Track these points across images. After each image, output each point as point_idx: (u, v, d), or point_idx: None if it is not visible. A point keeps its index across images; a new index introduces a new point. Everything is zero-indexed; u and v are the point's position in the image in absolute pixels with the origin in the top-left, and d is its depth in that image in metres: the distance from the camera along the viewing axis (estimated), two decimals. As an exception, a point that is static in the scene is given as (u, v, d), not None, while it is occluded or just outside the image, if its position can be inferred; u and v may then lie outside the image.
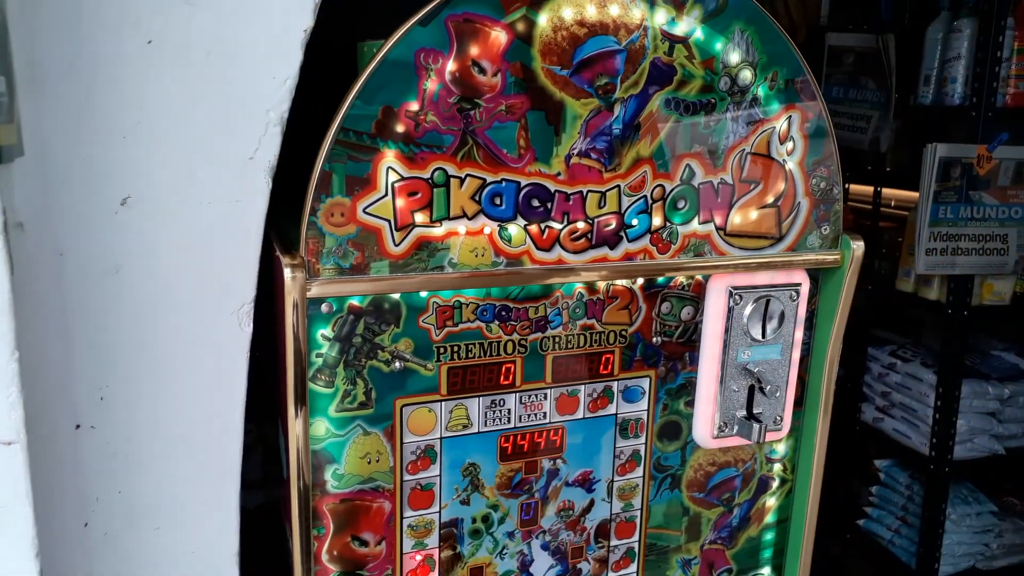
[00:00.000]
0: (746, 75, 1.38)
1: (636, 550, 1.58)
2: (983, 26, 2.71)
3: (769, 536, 1.68)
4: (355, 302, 1.27)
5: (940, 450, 2.93)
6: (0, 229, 0.97)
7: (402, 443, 1.35)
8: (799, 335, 1.53)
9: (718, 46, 1.35)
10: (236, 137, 1.25)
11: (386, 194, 1.22)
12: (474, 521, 1.44)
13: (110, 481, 1.28)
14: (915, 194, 2.89)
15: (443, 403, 1.37)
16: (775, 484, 1.65)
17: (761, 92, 1.40)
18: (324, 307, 1.25)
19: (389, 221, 1.23)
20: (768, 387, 1.49)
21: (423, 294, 1.31)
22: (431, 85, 1.20)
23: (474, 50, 1.21)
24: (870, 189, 3.57)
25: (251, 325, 1.32)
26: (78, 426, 1.25)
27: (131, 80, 1.18)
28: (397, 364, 1.32)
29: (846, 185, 3.70)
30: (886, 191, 3.57)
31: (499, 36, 1.22)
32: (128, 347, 1.26)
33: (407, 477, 1.37)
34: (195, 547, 1.37)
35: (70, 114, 1.15)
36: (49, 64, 1.12)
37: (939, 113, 2.99)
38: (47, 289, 1.18)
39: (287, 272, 1.19)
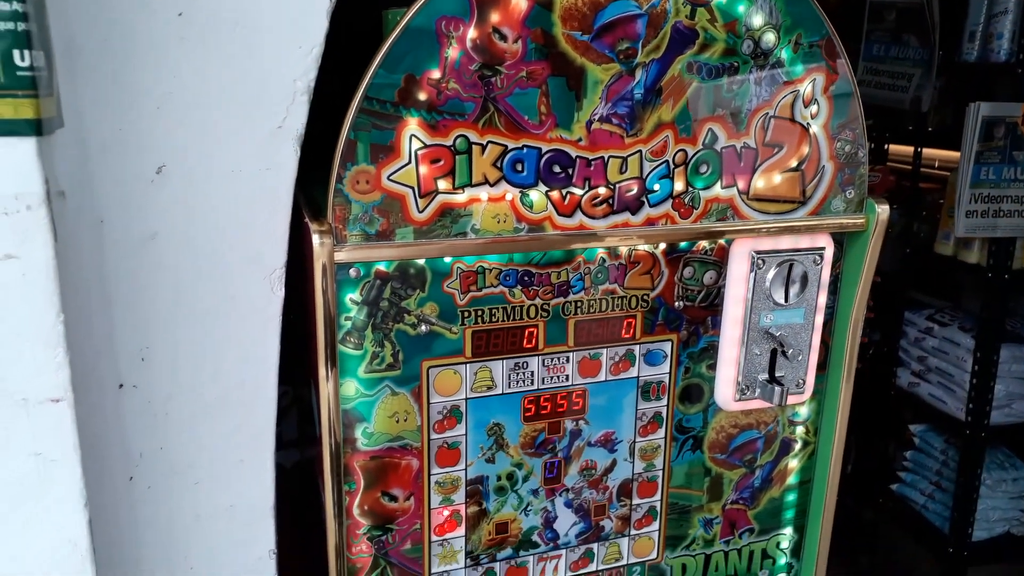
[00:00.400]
0: (769, 38, 1.36)
1: (658, 509, 1.61)
2: (1032, -21, 2.61)
3: (791, 497, 1.70)
4: (382, 267, 1.31)
5: (976, 415, 2.90)
6: (43, 198, 1.02)
7: (429, 403, 1.40)
8: (823, 299, 1.53)
9: (740, 9, 1.34)
10: (264, 106, 1.28)
11: (410, 161, 1.25)
12: (499, 479, 1.49)
13: (152, 438, 1.35)
14: (958, 154, 2.81)
15: (468, 365, 1.41)
16: (798, 446, 1.67)
17: (785, 55, 1.38)
18: (352, 272, 1.29)
19: (413, 188, 1.26)
20: (790, 351, 1.50)
21: (447, 259, 1.34)
22: (452, 53, 1.22)
23: (495, 17, 1.22)
24: (911, 150, 3.48)
25: (283, 289, 1.36)
26: (121, 385, 1.31)
27: (163, 52, 1.21)
28: (423, 327, 1.36)
29: (886, 146, 3.62)
30: (928, 151, 3.48)
31: (519, 2, 1.23)
32: (166, 310, 1.31)
33: (434, 436, 1.42)
34: (233, 501, 1.43)
35: (105, 86, 1.19)
36: (84, 38, 1.16)
37: (984, 71, 2.90)
38: (89, 255, 1.23)
39: (315, 238, 1.22)
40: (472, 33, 1.22)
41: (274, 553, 1.47)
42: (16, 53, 0.93)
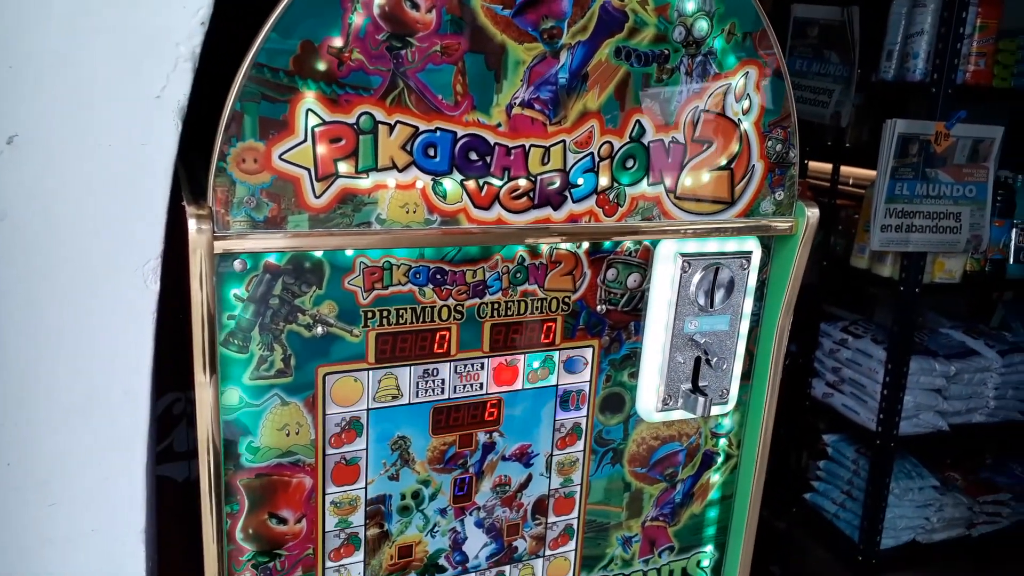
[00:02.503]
0: (702, 25, 1.29)
1: (575, 527, 1.51)
2: (947, 1, 2.66)
3: (713, 513, 1.63)
4: (272, 260, 1.16)
5: (886, 425, 2.94)
6: None
7: (325, 414, 1.26)
8: (748, 305, 1.46)
9: (673, -8, 1.26)
10: (141, 73, 1.12)
11: (305, 139, 1.11)
12: (403, 497, 1.35)
13: (-3, 451, 1.17)
14: (873, 173, 2.86)
15: (370, 372, 1.27)
16: (720, 459, 1.60)
17: (717, 45, 1.31)
18: (237, 264, 1.14)
19: (309, 170, 1.12)
20: (715, 359, 1.42)
21: (349, 253, 1.20)
22: (357, 19, 1.09)
23: (406, -18, 1.10)
24: (828, 167, 3.55)
25: (158, 283, 1.20)
26: (-42, 390, 1.13)
27: (19, 4, 1.05)
28: (319, 329, 1.22)
29: (805, 161, 3.67)
30: (844, 169, 3.55)
31: (434, -32, 1.11)
32: (17, 303, 1.13)
33: (330, 451, 1.27)
34: (97, 524, 1.26)
35: (-57, 38, 1.02)
36: (-86, -22, 0.98)
37: (900, 89, 2.96)
38: (-83, 236, 1.05)
39: (192, 224, 1.07)
40: (380, -1, 1.09)
41: (144, 583, 1.29)
42: None
